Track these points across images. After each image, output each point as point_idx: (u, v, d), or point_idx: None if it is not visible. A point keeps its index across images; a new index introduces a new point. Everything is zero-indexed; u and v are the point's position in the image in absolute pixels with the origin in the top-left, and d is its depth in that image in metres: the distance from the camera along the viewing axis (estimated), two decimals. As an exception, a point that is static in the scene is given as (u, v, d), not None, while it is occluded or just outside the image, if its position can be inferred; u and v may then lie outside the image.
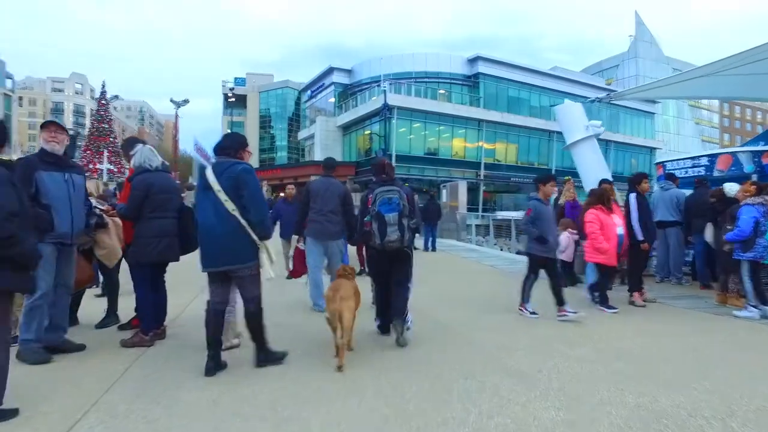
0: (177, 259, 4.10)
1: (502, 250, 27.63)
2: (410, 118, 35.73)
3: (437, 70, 39.06)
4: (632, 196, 6.23)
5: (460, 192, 17.81)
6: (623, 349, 4.18)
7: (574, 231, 7.73)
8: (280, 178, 39.52)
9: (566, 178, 8.80)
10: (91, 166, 43.60)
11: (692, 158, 9.09)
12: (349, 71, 43.75)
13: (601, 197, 6.14)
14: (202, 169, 3.49)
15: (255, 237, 3.34)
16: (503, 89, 39.72)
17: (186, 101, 44.14)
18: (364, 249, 5.83)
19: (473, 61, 38.97)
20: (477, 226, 24.03)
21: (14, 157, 4.20)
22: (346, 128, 40.94)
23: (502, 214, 27.19)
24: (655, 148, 48.25)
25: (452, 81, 39.26)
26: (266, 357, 3.56)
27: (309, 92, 51.08)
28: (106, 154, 47.59)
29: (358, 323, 3.87)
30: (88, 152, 49.98)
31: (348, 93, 42.81)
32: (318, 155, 41.25)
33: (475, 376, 3.43)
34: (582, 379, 3.41)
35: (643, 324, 5.18)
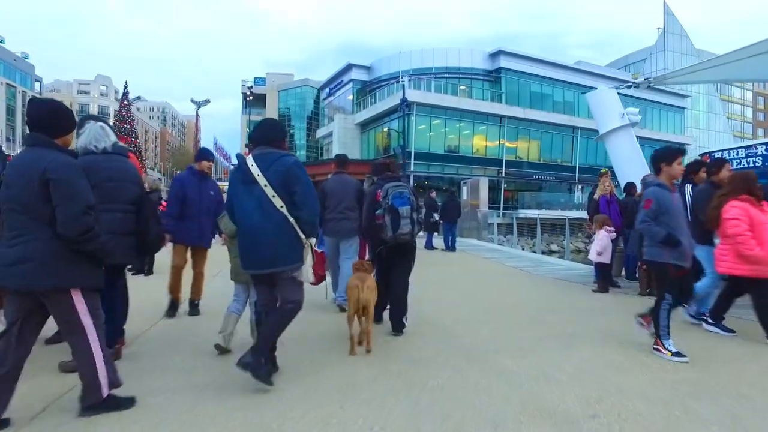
0: (130, 263, 3.35)
1: (524, 249, 26.75)
2: (430, 115, 34.77)
3: (458, 65, 38.01)
4: (689, 188, 5.23)
5: (481, 189, 16.85)
6: (699, 381, 3.27)
7: (611, 228, 6.81)
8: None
9: (603, 170, 7.86)
10: None
11: (746, 147, 8.03)
12: (368, 68, 43.03)
13: (747, 183, 4.34)
14: (241, 161, 3.16)
15: (302, 235, 3.10)
16: (526, 84, 38.47)
17: (207, 101, 44.22)
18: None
19: (495, 55, 37.82)
20: (498, 224, 23.10)
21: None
22: (365, 126, 40.19)
23: (524, 213, 26.14)
24: (684, 144, 46.25)
25: (473, 76, 38.17)
26: (253, 361, 2.95)
27: (327, 90, 50.56)
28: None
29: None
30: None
31: (367, 90, 42.08)
32: (336, 153, 40.52)
33: (507, 422, 2.58)
34: (652, 427, 2.54)
35: (696, 343, 4.25)
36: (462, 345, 4.09)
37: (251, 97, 47.57)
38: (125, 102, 55.73)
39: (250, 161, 3.07)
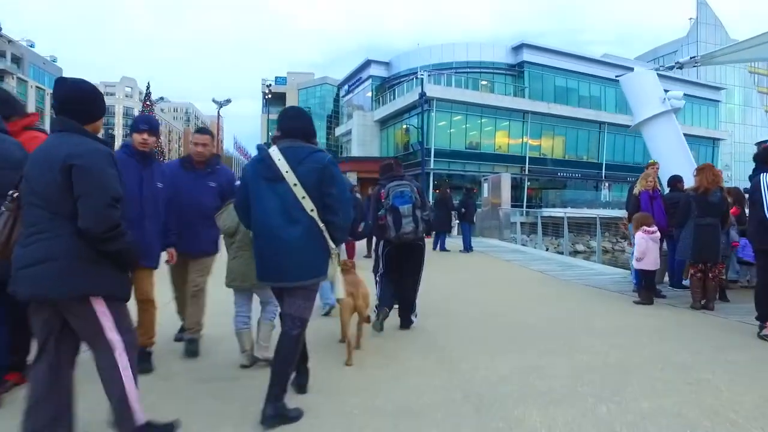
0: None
1: (548, 250, 25.49)
2: (450, 111, 33.70)
3: (479, 60, 36.86)
4: (763, 177, 4.19)
5: (503, 187, 15.78)
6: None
7: (651, 229, 5.79)
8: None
9: (651, 161, 6.82)
10: None
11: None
12: (386, 64, 42.20)
13: None
14: (265, 153, 2.70)
15: (331, 243, 2.69)
16: (550, 78, 37.04)
17: (228, 101, 44.19)
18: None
19: (518, 49, 36.53)
20: (521, 224, 21.94)
21: None
22: (384, 123, 39.36)
23: (549, 211, 24.92)
24: (718, 140, 44.14)
25: (495, 71, 36.97)
26: (277, 412, 2.53)
27: (346, 87, 49.94)
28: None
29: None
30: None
31: (386, 86, 41.26)
32: (355, 151, 39.92)
33: None
34: None
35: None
36: (470, 386, 3.10)
37: (270, 95, 47.26)
38: (147, 102, 56.33)
39: (276, 154, 2.63)
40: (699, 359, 3.48)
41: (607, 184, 37.84)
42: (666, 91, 8.50)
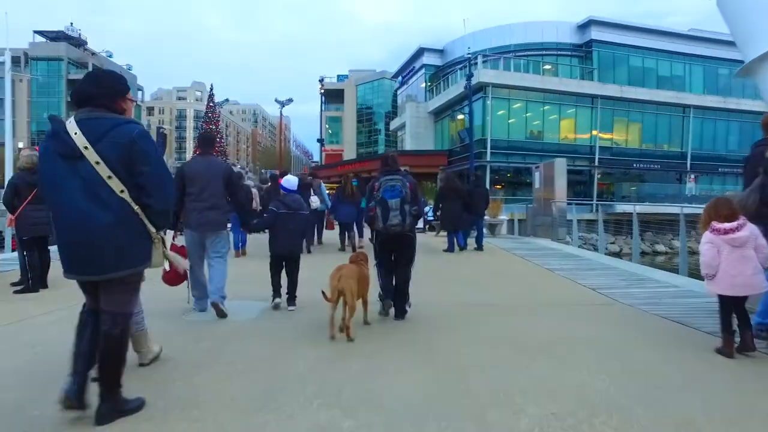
0: None
1: (620, 251, 22.19)
2: (508, 98, 30.93)
3: (541, 41, 33.70)
4: None
5: (557, 176, 13.21)
6: None
7: (728, 225, 3.48)
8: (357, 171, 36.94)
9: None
10: None
11: None
12: (440, 51, 40.00)
13: None
14: (59, 126, 2.29)
15: (151, 228, 2.40)
16: (623, 58, 33.17)
17: (290, 100, 44.20)
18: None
19: (584, 27, 32.98)
20: (587, 221, 19.05)
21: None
22: (438, 114, 37.23)
23: (623, 207, 21.73)
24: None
25: (559, 52, 33.68)
26: (112, 408, 2.36)
27: (400, 78, 48.19)
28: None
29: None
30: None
31: (440, 75, 39.03)
32: (408, 145, 38.14)
33: None
34: None
35: None
36: None
37: (323, 90, 46.48)
38: (210, 104, 57.79)
39: (72, 127, 2.26)
40: None
41: (692, 177, 33.32)
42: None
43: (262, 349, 3.65)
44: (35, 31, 68.75)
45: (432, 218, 13.15)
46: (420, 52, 40.64)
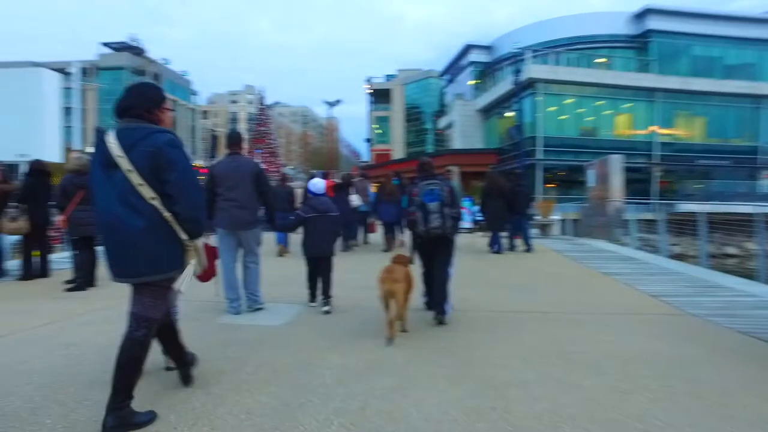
0: None
1: (684, 254, 20.72)
2: (559, 94, 29.70)
3: (593, 33, 32.10)
4: None
5: (612, 173, 12.37)
6: None
7: None
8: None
9: None
10: None
11: None
12: (488, 48, 39.07)
13: None
14: (101, 137, 2.39)
15: (183, 236, 2.42)
16: (684, 47, 31.08)
17: (338, 101, 44.77)
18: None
19: (641, 16, 31.16)
20: (646, 222, 17.88)
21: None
22: (486, 111, 36.40)
23: (684, 207, 20.30)
24: None
25: (613, 44, 31.95)
26: (120, 420, 2.28)
27: (447, 76, 47.55)
28: (259, 154, 50.93)
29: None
30: (250, 154, 54.42)
31: (488, 72, 38.15)
32: (457, 143, 37.58)
33: None
34: None
35: None
36: None
37: (370, 90, 46.60)
38: (262, 106, 59.43)
39: (110, 138, 2.37)
40: None
41: (767, 173, 30.74)
42: None
43: (289, 357, 3.47)
44: (102, 43, 73.20)
45: (481, 218, 12.73)
46: (467, 49, 39.89)
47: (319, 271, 4.99)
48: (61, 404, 2.62)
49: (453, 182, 9.68)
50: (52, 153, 11.84)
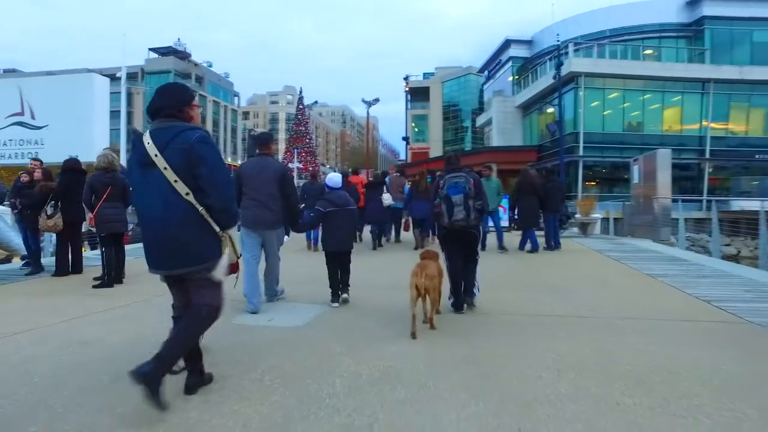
0: None
1: (738, 254, 19.43)
2: (603, 87, 28.50)
3: (640, 23, 30.66)
4: None
5: (659, 169, 11.57)
6: None
7: None
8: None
9: None
10: (290, 165, 47.75)
11: None
12: (528, 42, 38.03)
13: None
14: (137, 137, 2.59)
15: (216, 228, 2.56)
16: (743, 34, 29.17)
17: (376, 100, 44.82)
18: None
19: (694, 3, 29.49)
20: (695, 220, 16.87)
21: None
22: (526, 108, 35.44)
23: (739, 204, 19.03)
24: None
25: (663, 34, 30.39)
26: (153, 375, 2.29)
27: (486, 73, 46.64)
28: (296, 153, 51.62)
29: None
30: (288, 153, 55.25)
31: (528, 67, 37.09)
32: (495, 141, 36.78)
33: None
34: None
35: None
36: None
37: (408, 88, 46.26)
38: (300, 106, 60.10)
39: (146, 138, 2.52)
40: None
41: None
42: None
43: (299, 362, 3.25)
44: (149, 49, 76.12)
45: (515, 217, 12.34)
46: (506, 44, 38.94)
47: (339, 264, 4.99)
48: (51, 409, 2.47)
49: (493, 179, 9.35)
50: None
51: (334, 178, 5.26)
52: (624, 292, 5.74)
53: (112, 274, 6.22)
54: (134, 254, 7.27)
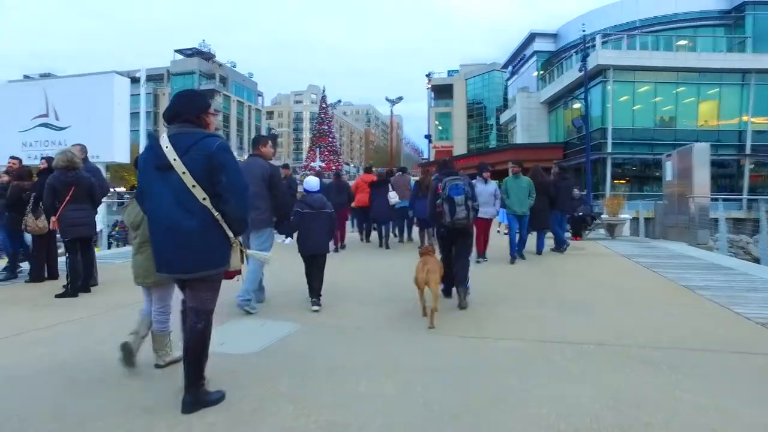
0: None
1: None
2: (633, 81, 27.12)
3: (674, 12, 29.09)
4: None
5: (696, 165, 10.45)
6: None
7: None
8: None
9: None
10: (312, 164, 47.60)
11: None
12: (553, 36, 36.78)
13: None
14: (153, 140, 2.72)
15: (230, 233, 2.62)
16: (788, 20, 27.26)
17: (400, 98, 44.23)
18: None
19: (735, -12, 27.75)
20: (734, 220, 15.57)
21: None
22: (551, 103, 34.20)
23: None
24: None
25: (698, 23, 28.77)
26: (196, 399, 2.58)
27: (510, 68, 45.40)
28: (318, 152, 51.43)
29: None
30: (311, 152, 55.14)
31: (553, 62, 35.80)
32: (519, 138, 35.65)
33: None
34: None
35: None
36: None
37: (430, 86, 45.46)
38: (323, 105, 59.94)
39: (164, 142, 2.56)
40: None
41: None
42: None
43: (230, 407, 2.59)
44: (175, 50, 77.16)
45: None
46: (531, 37, 37.73)
47: (312, 268, 4.97)
48: None
49: (522, 177, 8.60)
50: (121, 154, 11.93)
51: (311, 182, 5.25)
52: (655, 309, 4.82)
53: (78, 283, 5.67)
54: (118, 258, 6.74)
